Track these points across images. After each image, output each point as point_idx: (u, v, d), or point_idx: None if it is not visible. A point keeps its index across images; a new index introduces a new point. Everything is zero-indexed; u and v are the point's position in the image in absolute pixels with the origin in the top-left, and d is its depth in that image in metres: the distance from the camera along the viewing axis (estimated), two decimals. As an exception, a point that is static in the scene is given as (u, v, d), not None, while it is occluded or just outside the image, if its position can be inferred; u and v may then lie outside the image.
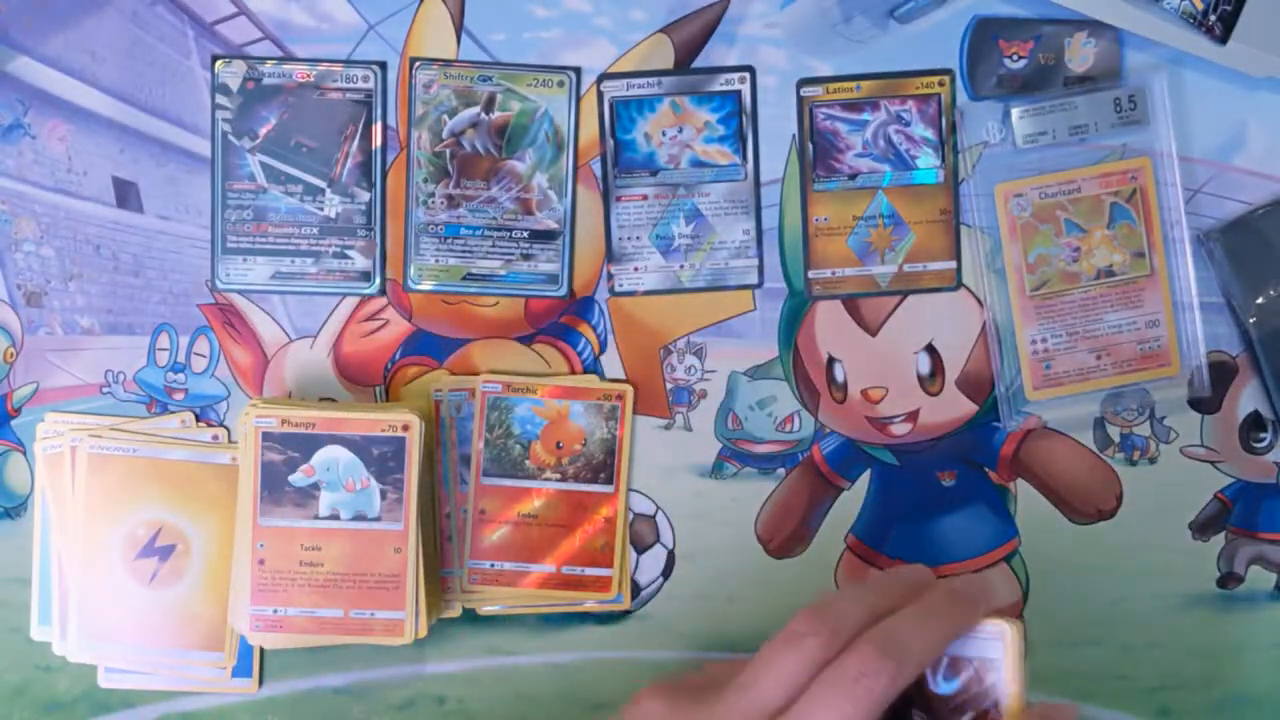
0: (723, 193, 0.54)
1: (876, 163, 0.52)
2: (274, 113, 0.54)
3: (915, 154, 0.52)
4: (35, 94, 0.55)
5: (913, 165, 0.52)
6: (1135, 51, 0.55)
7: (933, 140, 0.52)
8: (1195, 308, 0.55)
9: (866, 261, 0.53)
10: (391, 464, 0.52)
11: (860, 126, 0.52)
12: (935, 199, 0.53)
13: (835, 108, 0.52)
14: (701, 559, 0.56)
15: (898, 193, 0.53)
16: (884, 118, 0.52)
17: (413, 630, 0.53)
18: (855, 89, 0.52)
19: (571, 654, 0.56)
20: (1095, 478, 0.56)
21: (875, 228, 0.52)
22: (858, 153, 0.52)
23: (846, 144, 0.52)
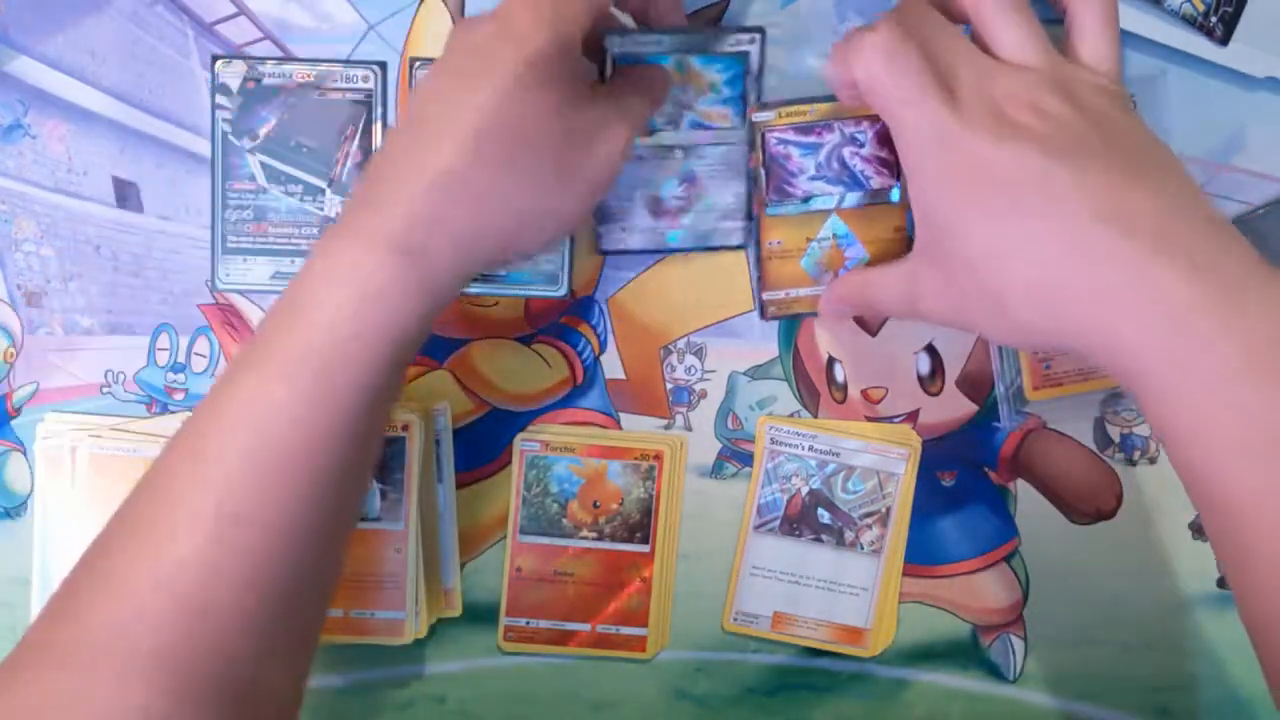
0: (718, 155, 0.54)
1: (830, 184, 0.52)
2: (274, 113, 0.54)
3: (870, 174, 0.52)
4: (35, 94, 0.55)
5: (866, 186, 0.52)
6: (1135, 52, 0.55)
7: (888, 160, 0.52)
8: (1195, 308, 0.55)
9: (820, 281, 0.52)
10: (391, 464, 0.52)
11: (813, 150, 0.52)
12: (889, 217, 0.52)
13: (788, 132, 0.52)
14: (701, 559, 0.56)
15: (851, 213, 0.52)
16: (838, 139, 0.51)
17: (413, 630, 0.53)
18: (808, 112, 0.51)
19: (572, 654, 0.56)
20: (1095, 478, 0.56)
21: (828, 248, 0.52)
22: (810, 175, 0.52)
23: (799, 167, 0.52)
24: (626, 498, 0.56)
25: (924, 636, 0.57)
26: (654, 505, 0.56)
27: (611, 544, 0.56)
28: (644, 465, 0.55)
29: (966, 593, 0.56)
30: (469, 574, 0.56)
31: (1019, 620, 0.57)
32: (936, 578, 0.56)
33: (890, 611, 0.56)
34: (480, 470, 0.56)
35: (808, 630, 0.56)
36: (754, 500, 0.56)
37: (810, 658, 0.56)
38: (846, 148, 0.51)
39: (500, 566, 0.56)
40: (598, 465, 0.55)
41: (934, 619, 0.57)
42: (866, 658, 0.56)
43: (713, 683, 0.56)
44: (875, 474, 0.56)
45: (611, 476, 0.55)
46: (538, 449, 0.56)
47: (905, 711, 0.57)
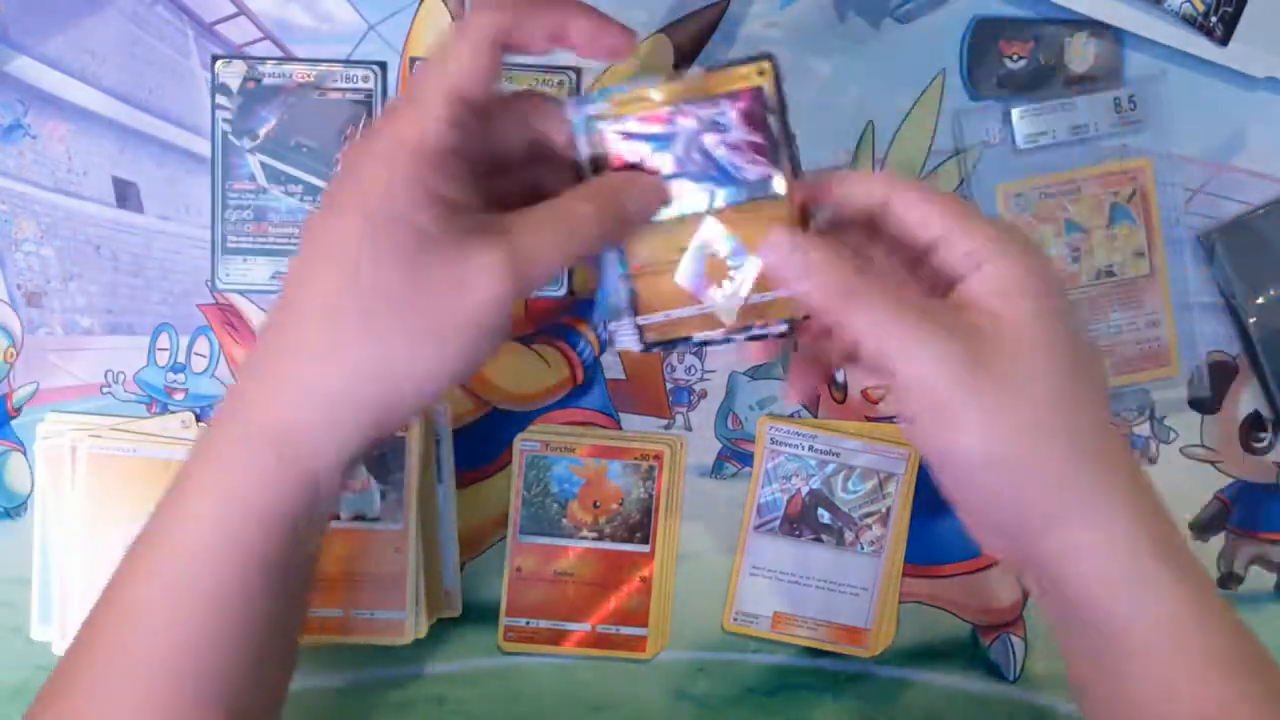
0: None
1: (695, 182, 0.41)
2: (274, 113, 0.54)
3: (741, 164, 0.41)
4: (35, 94, 0.55)
5: (740, 178, 0.42)
6: (1135, 52, 0.55)
7: (761, 144, 0.41)
8: (1195, 308, 0.55)
9: (704, 298, 0.42)
10: (391, 464, 0.52)
11: (666, 142, 0.41)
12: (776, 214, 0.41)
13: (629, 123, 0.41)
14: (701, 559, 0.56)
15: (729, 213, 0.41)
16: (694, 127, 0.41)
17: (412, 630, 0.53)
18: (649, 95, 0.41)
19: (571, 654, 0.56)
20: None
21: (708, 258, 0.42)
22: (669, 174, 0.41)
23: (654, 165, 0.41)
24: (626, 498, 0.56)
25: (924, 636, 0.57)
26: (654, 505, 0.55)
27: (611, 544, 0.56)
28: (644, 465, 0.55)
29: (966, 593, 0.56)
30: (469, 574, 0.56)
31: (1019, 620, 0.57)
32: (936, 578, 0.56)
33: (890, 611, 0.56)
34: (480, 470, 0.56)
35: (808, 630, 0.56)
36: (754, 500, 0.56)
37: (810, 658, 0.56)
38: (707, 135, 0.41)
39: (500, 566, 0.56)
40: (598, 465, 0.55)
41: (934, 619, 0.57)
42: (866, 658, 0.56)
43: (713, 683, 0.56)
44: (875, 474, 0.56)
45: (611, 476, 0.55)
46: (538, 449, 0.56)
47: (905, 711, 0.57)
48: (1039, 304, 0.37)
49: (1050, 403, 0.36)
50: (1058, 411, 0.36)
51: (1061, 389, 0.37)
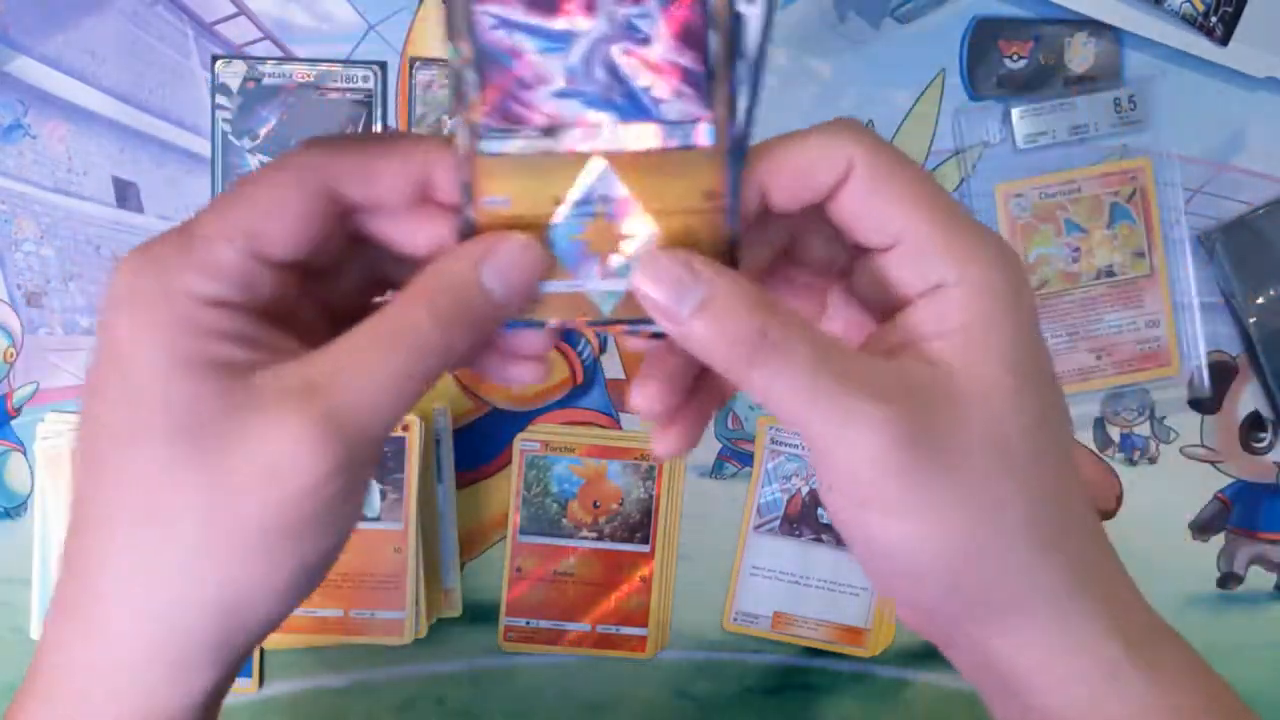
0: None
1: (591, 108, 0.30)
2: (274, 113, 0.54)
3: (661, 95, 0.30)
4: (35, 94, 0.55)
5: (655, 113, 0.30)
6: (1135, 52, 0.55)
7: (694, 71, 0.30)
8: (1195, 308, 0.55)
9: (578, 273, 0.31)
10: (391, 464, 0.52)
11: (562, 43, 0.30)
12: (697, 174, 0.30)
13: (515, 6, 0.29)
14: (702, 559, 0.56)
15: (631, 162, 0.30)
16: (604, 29, 0.30)
17: (412, 630, 0.53)
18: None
19: (572, 654, 0.56)
20: (1095, 478, 0.56)
21: (592, 218, 0.31)
22: (558, 90, 0.30)
23: (538, 73, 0.30)
24: (626, 498, 0.56)
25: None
26: (654, 505, 0.55)
27: (611, 544, 0.56)
28: (644, 465, 0.55)
29: (966, 593, 0.56)
30: (469, 574, 0.56)
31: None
32: (936, 578, 0.56)
33: (890, 611, 0.56)
34: (480, 470, 0.56)
35: (808, 630, 0.56)
36: (754, 500, 0.56)
37: (810, 658, 0.56)
38: (618, 44, 0.30)
39: (500, 566, 0.56)
40: (598, 465, 0.55)
41: (934, 619, 0.56)
42: (866, 658, 0.56)
43: (713, 683, 0.56)
44: (875, 474, 0.56)
45: (611, 476, 0.55)
46: (538, 449, 0.56)
47: (905, 711, 0.57)
48: (1007, 354, 0.29)
49: (1007, 482, 0.29)
50: (1016, 492, 0.29)
51: (1023, 465, 0.29)
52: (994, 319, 0.29)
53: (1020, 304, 0.29)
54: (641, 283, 0.29)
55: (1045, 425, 0.29)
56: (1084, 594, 0.30)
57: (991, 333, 0.29)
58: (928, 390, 0.28)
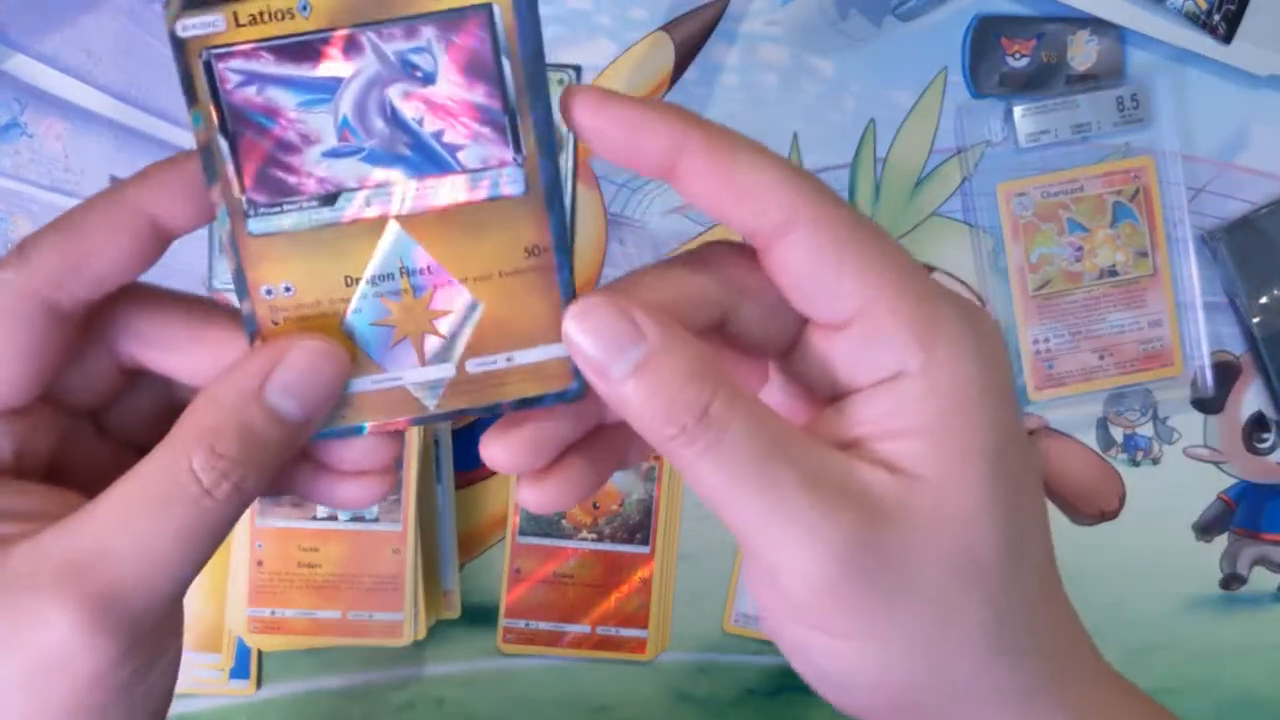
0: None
1: (375, 165, 0.25)
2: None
3: (456, 140, 0.25)
4: (32, 92, 0.55)
5: (454, 162, 0.25)
6: (1138, 50, 0.55)
7: (490, 108, 0.25)
8: (1198, 307, 0.55)
9: (389, 363, 0.26)
10: (390, 464, 0.52)
11: (326, 93, 0.25)
12: (513, 228, 0.26)
13: (264, 58, 0.24)
14: (702, 560, 0.56)
15: (432, 223, 0.26)
16: (375, 70, 0.25)
17: (411, 632, 0.53)
18: (300, 8, 0.24)
19: (571, 656, 0.56)
20: (1098, 479, 0.56)
21: (396, 297, 0.26)
22: (330, 149, 0.25)
23: (302, 132, 0.25)
24: (626, 499, 0.55)
25: (926, 638, 0.56)
26: (654, 506, 0.55)
27: (611, 545, 0.55)
28: (644, 466, 0.55)
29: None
30: (468, 575, 0.56)
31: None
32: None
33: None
34: (480, 470, 0.56)
35: (809, 632, 0.56)
36: (755, 501, 0.56)
37: (811, 659, 0.56)
38: (397, 84, 0.25)
39: (499, 568, 0.56)
40: None
41: (936, 620, 0.56)
42: (868, 659, 0.56)
43: (713, 684, 0.56)
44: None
45: (612, 478, 0.55)
46: (537, 449, 0.55)
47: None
48: (979, 466, 0.25)
49: (971, 593, 0.25)
50: (980, 603, 0.25)
51: (992, 578, 0.25)
52: (963, 421, 0.25)
53: (995, 397, 0.25)
54: (573, 331, 0.25)
55: (1022, 542, 0.26)
56: (1051, 690, 0.27)
57: (960, 439, 0.25)
58: (885, 503, 0.24)
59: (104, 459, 0.28)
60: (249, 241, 0.25)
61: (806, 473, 0.24)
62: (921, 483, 0.25)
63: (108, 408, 0.28)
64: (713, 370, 0.25)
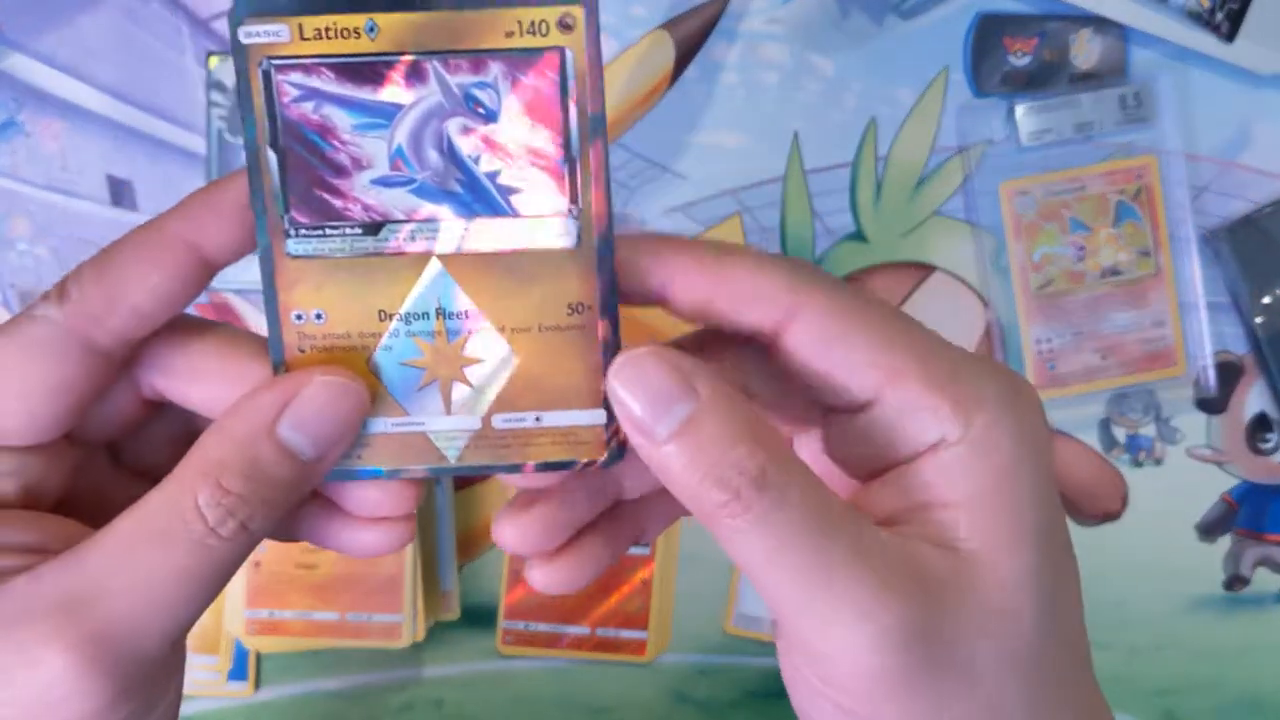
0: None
1: (424, 199, 0.24)
2: (270, 110, 0.54)
3: (517, 182, 0.24)
4: (29, 91, 0.54)
5: (507, 206, 0.25)
6: (1141, 48, 0.54)
7: (550, 153, 0.24)
8: (1201, 307, 0.55)
9: (413, 407, 0.25)
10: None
11: (384, 119, 0.24)
12: (559, 282, 0.25)
13: (325, 75, 0.24)
14: (702, 560, 0.56)
15: (476, 267, 0.25)
16: (438, 100, 0.24)
17: (410, 633, 0.52)
18: (367, 28, 0.23)
19: (571, 658, 0.56)
20: (1100, 479, 0.55)
21: (429, 338, 0.25)
22: (380, 177, 0.24)
23: (355, 156, 0.24)
24: (626, 499, 0.55)
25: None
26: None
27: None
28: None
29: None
30: (467, 576, 0.56)
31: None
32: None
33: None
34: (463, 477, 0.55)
35: (810, 633, 0.55)
36: (755, 502, 0.55)
37: (812, 661, 0.56)
38: (455, 119, 0.24)
39: (499, 569, 0.55)
40: None
41: (937, 622, 0.56)
42: (869, 661, 0.56)
43: (713, 686, 0.56)
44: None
45: None
46: (537, 450, 0.55)
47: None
48: (1029, 527, 0.24)
49: (1013, 682, 0.24)
50: (1019, 691, 0.24)
51: (1031, 658, 0.24)
52: (1010, 489, 0.24)
53: (1038, 460, 0.24)
54: (617, 384, 0.24)
55: (1060, 622, 0.25)
56: None
57: (1008, 508, 0.24)
58: (941, 582, 0.23)
59: (118, 491, 0.27)
60: (286, 263, 0.25)
61: (859, 548, 0.23)
62: (972, 560, 0.23)
63: (126, 439, 0.28)
64: (767, 430, 0.23)
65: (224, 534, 0.23)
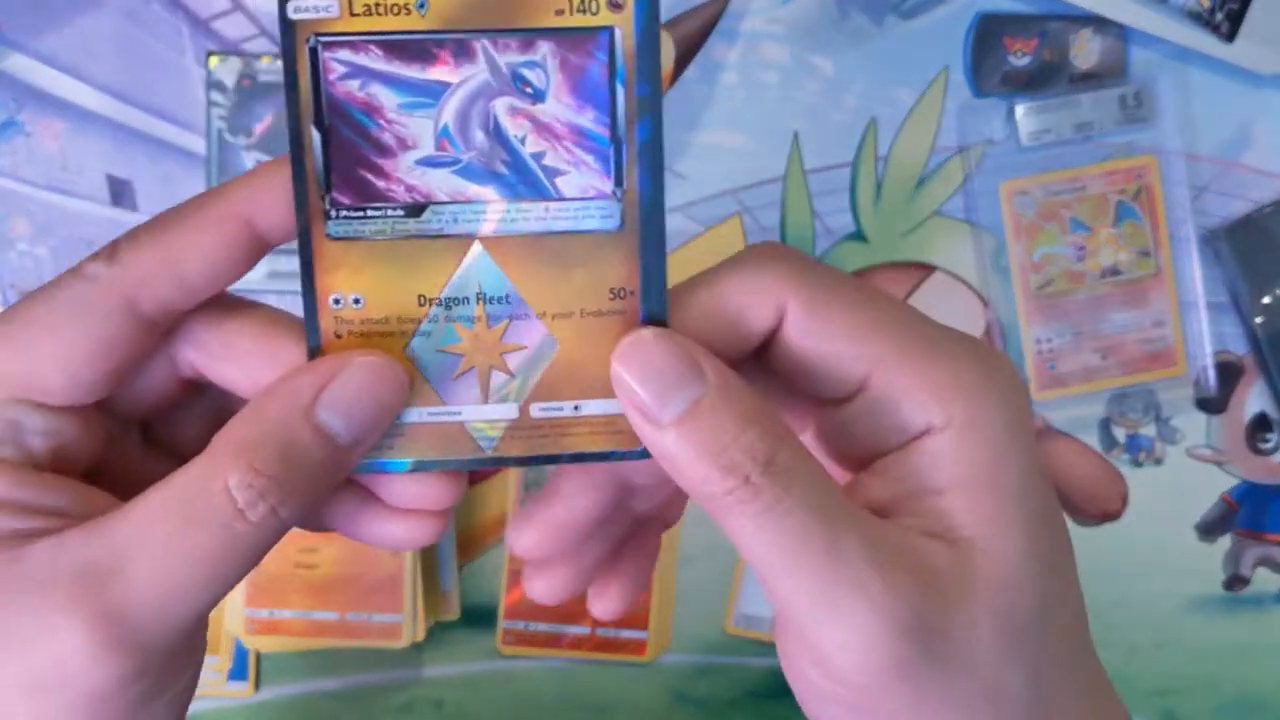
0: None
1: (469, 180, 0.24)
2: (270, 110, 0.54)
3: (562, 164, 0.24)
4: (29, 91, 0.54)
5: (548, 189, 0.24)
6: (1141, 48, 0.54)
7: (596, 134, 0.24)
8: (1201, 307, 0.55)
9: (449, 395, 0.25)
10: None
11: (431, 98, 0.24)
12: (602, 266, 0.24)
13: (373, 52, 0.23)
14: (703, 560, 0.56)
15: (519, 250, 0.24)
16: (484, 78, 0.24)
17: (410, 633, 0.52)
18: (417, 5, 0.23)
19: (571, 658, 0.56)
20: (1100, 479, 0.55)
21: (468, 324, 0.25)
22: (425, 157, 0.24)
23: (400, 136, 0.24)
24: (626, 499, 0.55)
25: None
26: (654, 507, 0.55)
27: None
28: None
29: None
30: (467, 577, 0.56)
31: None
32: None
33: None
34: (478, 471, 0.55)
35: (810, 633, 0.55)
36: (755, 502, 0.55)
37: (812, 661, 0.56)
38: (502, 99, 0.24)
39: (499, 569, 0.55)
40: None
41: (937, 622, 0.56)
42: (869, 661, 0.56)
43: (713, 686, 0.56)
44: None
45: None
46: (537, 450, 0.55)
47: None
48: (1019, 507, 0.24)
49: (1013, 671, 0.24)
50: (1023, 683, 0.24)
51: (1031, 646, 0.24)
52: (998, 464, 0.24)
53: (1022, 439, 0.24)
54: (621, 367, 0.23)
55: (1057, 601, 0.24)
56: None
57: (999, 483, 0.24)
58: (941, 571, 0.23)
59: (149, 468, 0.26)
60: (326, 245, 0.24)
61: (866, 539, 0.22)
62: (968, 546, 0.23)
63: (160, 416, 0.27)
64: (775, 415, 0.23)
65: (253, 518, 0.23)
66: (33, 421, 0.24)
